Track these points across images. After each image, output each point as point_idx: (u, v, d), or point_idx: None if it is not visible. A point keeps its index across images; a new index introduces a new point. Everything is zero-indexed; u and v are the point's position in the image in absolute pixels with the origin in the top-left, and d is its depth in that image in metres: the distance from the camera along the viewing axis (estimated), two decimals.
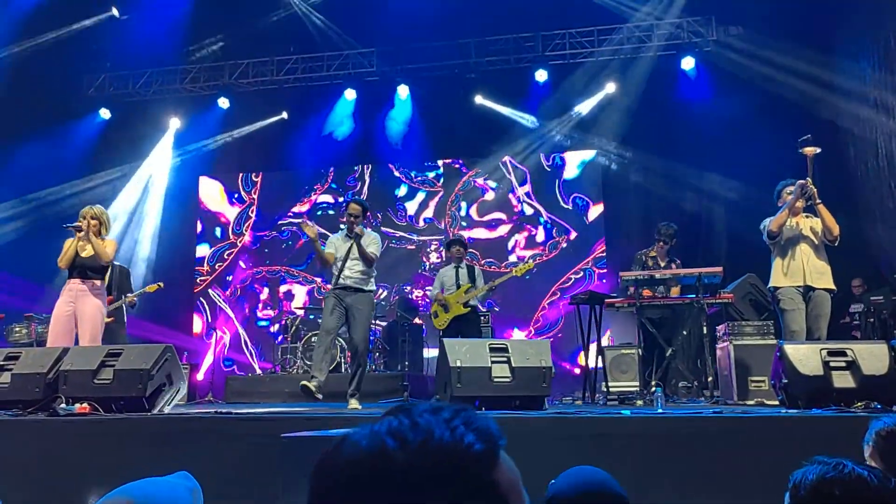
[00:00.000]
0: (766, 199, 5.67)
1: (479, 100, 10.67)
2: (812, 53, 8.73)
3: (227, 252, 11.63)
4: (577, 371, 9.15)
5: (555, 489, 1.44)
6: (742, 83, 9.19)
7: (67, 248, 5.42)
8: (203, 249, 11.71)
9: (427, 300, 10.43)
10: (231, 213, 11.77)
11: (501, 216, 10.92)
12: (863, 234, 8.19)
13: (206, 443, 3.70)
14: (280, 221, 11.56)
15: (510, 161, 10.94)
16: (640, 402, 5.62)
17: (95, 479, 3.47)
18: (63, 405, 4.17)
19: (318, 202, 11.52)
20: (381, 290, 10.36)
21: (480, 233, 10.88)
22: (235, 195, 11.81)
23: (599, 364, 6.72)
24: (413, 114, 11.03)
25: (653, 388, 5.40)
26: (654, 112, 9.98)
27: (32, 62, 9.80)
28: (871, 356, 4.00)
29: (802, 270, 5.15)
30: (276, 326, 10.70)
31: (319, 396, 5.16)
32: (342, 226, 5.93)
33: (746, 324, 6.00)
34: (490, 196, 11.01)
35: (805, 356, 4.05)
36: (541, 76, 10.41)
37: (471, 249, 9.21)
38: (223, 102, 11.21)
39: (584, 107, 10.54)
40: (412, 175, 11.30)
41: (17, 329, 7.76)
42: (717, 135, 9.20)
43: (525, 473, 0.76)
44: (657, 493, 3.11)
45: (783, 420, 3.50)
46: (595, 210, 10.61)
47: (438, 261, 10.68)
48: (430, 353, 8.92)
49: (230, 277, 11.51)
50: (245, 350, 11.13)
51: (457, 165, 11.22)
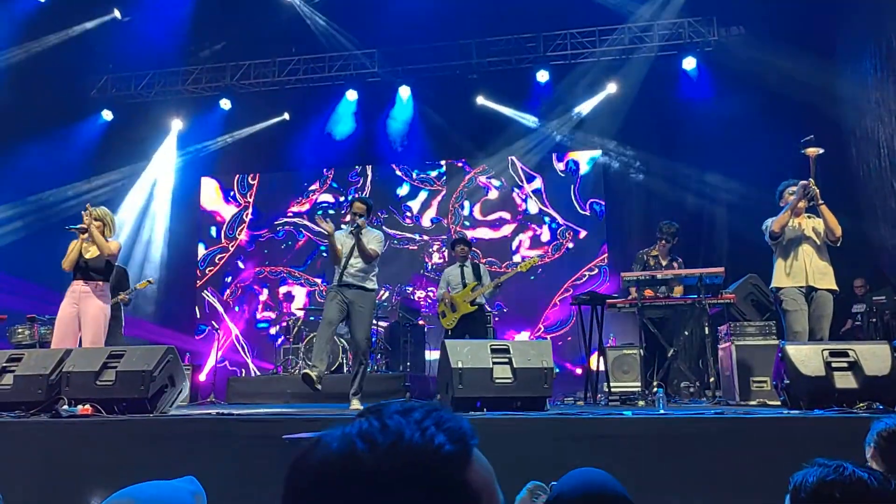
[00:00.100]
0: (768, 200, 5.66)
1: (481, 100, 10.67)
2: (814, 54, 8.70)
3: (219, 256, 11.62)
4: (579, 371, 9.14)
5: (557, 490, 1.44)
6: (744, 83, 9.18)
7: (71, 250, 5.44)
8: (202, 250, 11.74)
9: (428, 301, 10.47)
10: (227, 212, 11.77)
11: (505, 215, 10.90)
12: (865, 235, 8.18)
13: (208, 444, 3.71)
14: (275, 222, 11.55)
15: (514, 160, 10.93)
16: (642, 403, 5.62)
17: (98, 481, 3.48)
18: (65, 407, 4.18)
19: (319, 201, 11.51)
20: (383, 291, 10.36)
21: (484, 232, 10.85)
22: (231, 193, 11.81)
23: (601, 365, 6.72)
24: (414, 114, 11.03)
25: (654, 389, 5.40)
26: (656, 112, 9.98)
27: (35, 64, 9.83)
28: (874, 357, 3.98)
29: (805, 271, 5.15)
30: (276, 328, 10.69)
31: (319, 387, 5.15)
32: (343, 225, 5.93)
33: (748, 324, 5.99)
34: (493, 195, 10.98)
35: (807, 357, 4.04)
36: (542, 76, 10.41)
37: (473, 248, 9.19)
38: (225, 104, 11.22)
39: (586, 107, 10.54)
40: (413, 174, 11.30)
41: (20, 330, 7.76)
42: (719, 135, 9.19)
43: (526, 474, 0.76)
44: (659, 494, 3.11)
45: (785, 421, 3.50)
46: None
47: (441, 261, 10.67)
48: (432, 356, 8.91)
49: (229, 279, 11.52)
50: (241, 351, 11.11)
51: (459, 164, 11.21)
